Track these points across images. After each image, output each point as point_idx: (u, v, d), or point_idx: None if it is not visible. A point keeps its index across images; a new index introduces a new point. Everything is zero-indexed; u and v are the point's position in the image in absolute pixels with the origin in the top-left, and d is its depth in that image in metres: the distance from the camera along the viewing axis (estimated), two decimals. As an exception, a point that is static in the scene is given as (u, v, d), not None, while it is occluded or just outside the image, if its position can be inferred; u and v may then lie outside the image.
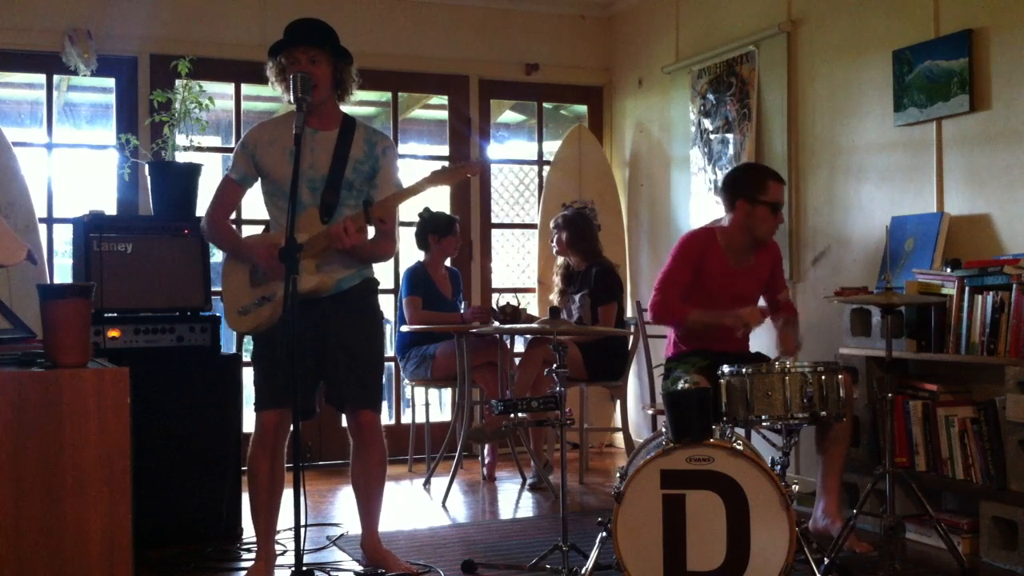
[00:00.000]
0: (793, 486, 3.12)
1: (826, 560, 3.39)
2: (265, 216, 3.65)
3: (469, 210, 6.39)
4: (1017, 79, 3.94)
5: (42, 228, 5.20)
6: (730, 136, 5.45)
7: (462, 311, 5.51)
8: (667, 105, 6.05)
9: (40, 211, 5.23)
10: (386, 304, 5.67)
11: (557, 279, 5.66)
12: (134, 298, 4.12)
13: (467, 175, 3.63)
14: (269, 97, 5.54)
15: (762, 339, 4.71)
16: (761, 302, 4.32)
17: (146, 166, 4.64)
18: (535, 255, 6.48)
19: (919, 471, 3.98)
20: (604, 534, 3.31)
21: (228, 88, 5.78)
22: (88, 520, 2.36)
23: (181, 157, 4.57)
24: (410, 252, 5.83)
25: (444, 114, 6.50)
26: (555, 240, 5.56)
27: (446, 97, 6.44)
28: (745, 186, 4.13)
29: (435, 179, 3.37)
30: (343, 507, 4.78)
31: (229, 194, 3.58)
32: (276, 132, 3.48)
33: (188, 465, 4.05)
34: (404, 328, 5.43)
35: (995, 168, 4.03)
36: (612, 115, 6.70)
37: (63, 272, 5.38)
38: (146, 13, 5.53)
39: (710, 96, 5.61)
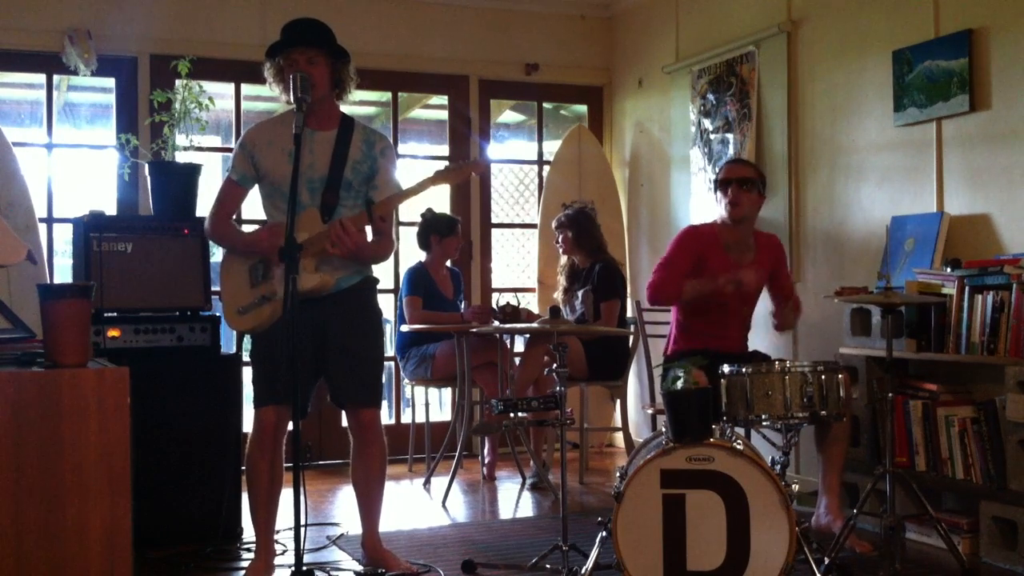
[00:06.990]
0: (793, 486, 3.12)
1: (826, 560, 3.39)
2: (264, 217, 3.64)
3: (469, 210, 6.38)
4: (1017, 79, 3.94)
5: (42, 228, 5.20)
6: (730, 136, 5.44)
7: (463, 311, 5.52)
8: (667, 105, 6.05)
9: (40, 211, 5.23)
10: (386, 304, 5.67)
11: (561, 277, 5.66)
12: (134, 298, 4.11)
13: (470, 175, 3.63)
14: (269, 97, 5.51)
15: (762, 338, 4.72)
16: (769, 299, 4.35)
17: (146, 166, 4.64)
18: (535, 255, 6.47)
19: (919, 471, 3.98)
20: (604, 534, 3.31)
21: (228, 88, 5.78)
22: (88, 520, 2.35)
23: (181, 157, 4.57)
24: (411, 252, 5.84)
25: (444, 114, 6.50)
26: (561, 239, 5.56)
27: (446, 97, 6.44)
28: (713, 182, 4.36)
29: (438, 178, 3.39)
30: (343, 507, 4.78)
31: (231, 196, 3.57)
32: (274, 133, 3.48)
33: (188, 465, 4.06)
34: (404, 328, 5.43)
35: (995, 168, 4.03)
36: (612, 115, 6.70)
37: (63, 272, 5.37)
38: (146, 13, 5.53)
39: (710, 96, 5.61)
